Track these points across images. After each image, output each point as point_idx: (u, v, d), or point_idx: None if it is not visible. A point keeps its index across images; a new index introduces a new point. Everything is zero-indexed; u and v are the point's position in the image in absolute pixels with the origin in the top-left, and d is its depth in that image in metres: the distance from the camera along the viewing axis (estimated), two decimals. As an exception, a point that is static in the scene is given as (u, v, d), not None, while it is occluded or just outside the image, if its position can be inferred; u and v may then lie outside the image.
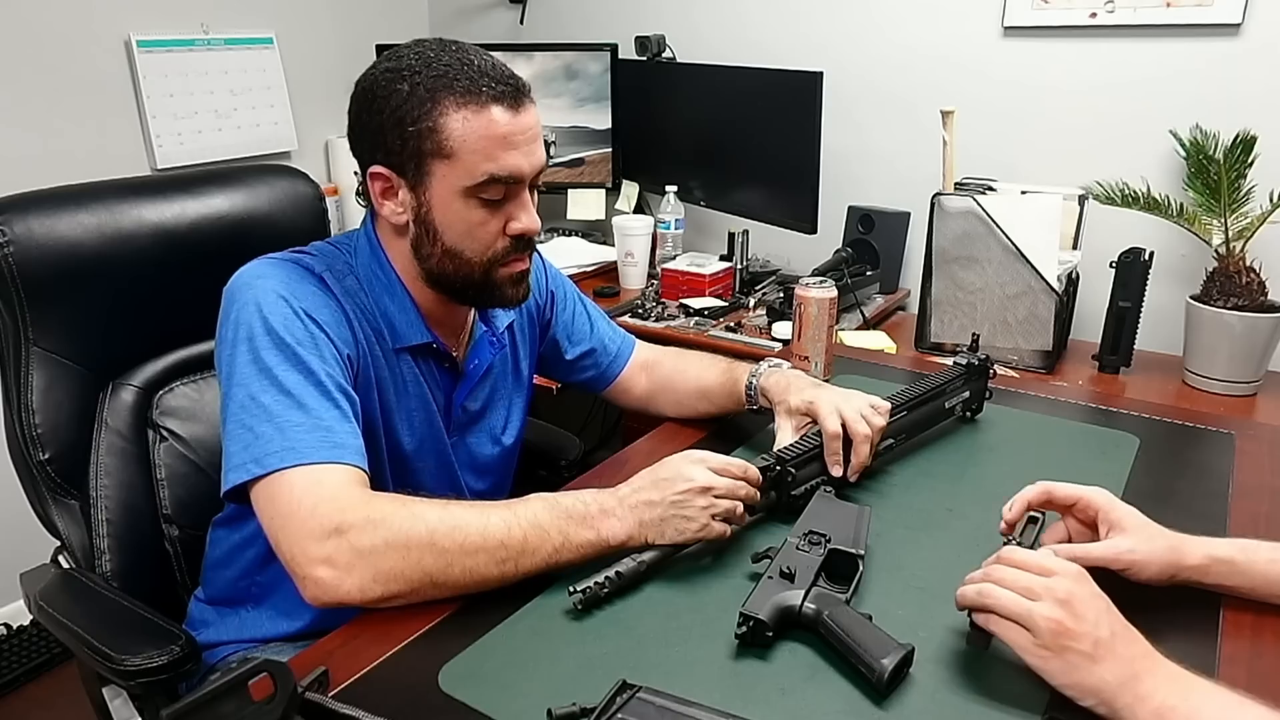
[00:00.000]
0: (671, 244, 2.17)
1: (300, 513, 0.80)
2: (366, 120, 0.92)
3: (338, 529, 0.79)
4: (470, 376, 1.07)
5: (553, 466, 1.38)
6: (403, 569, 0.79)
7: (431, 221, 0.93)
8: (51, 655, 1.97)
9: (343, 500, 0.81)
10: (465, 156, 0.89)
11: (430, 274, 0.97)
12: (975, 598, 0.72)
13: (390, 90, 0.89)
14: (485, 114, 0.89)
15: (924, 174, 1.86)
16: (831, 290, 1.32)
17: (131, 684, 0.88)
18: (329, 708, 0.67)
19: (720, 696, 0.69)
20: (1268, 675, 0.74)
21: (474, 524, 0.81)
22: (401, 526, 0.80)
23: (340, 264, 0.98)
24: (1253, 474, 1.09)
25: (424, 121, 0.88)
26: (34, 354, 1.07)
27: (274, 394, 0.85)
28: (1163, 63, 1.72)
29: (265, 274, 0.92)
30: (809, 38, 2.11)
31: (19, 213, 1.04)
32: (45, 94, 1.92)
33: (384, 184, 0.94)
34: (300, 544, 0.79)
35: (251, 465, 0.83)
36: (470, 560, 0.81)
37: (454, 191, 0.91)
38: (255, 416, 0.84)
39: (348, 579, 0.79)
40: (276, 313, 0.89)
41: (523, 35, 2.56)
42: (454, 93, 0.88)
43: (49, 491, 1.09)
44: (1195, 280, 1.62)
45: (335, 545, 0.79)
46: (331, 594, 0.79)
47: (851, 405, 1.02)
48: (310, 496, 0.81)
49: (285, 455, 0.82)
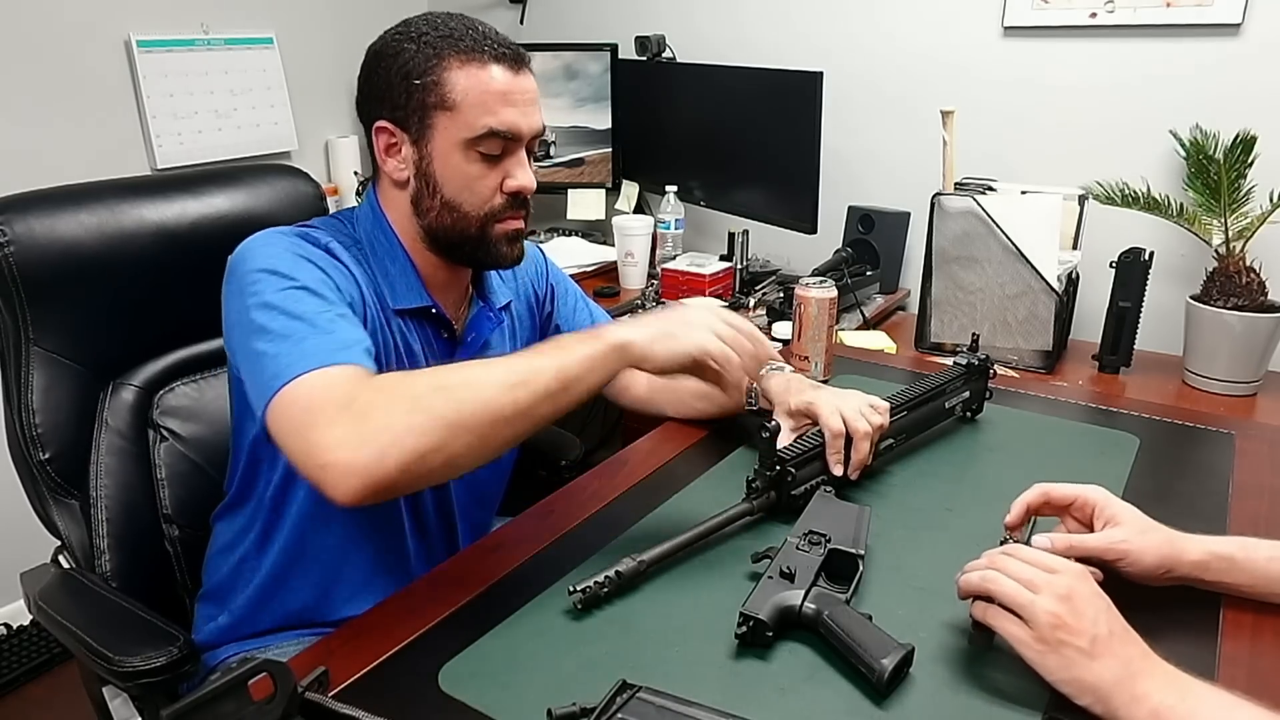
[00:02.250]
0: (671, 244, 2.17)
1: (311, 409, 0.78)
2: (374, 80, 0.97)
3: (341, 407, 0.77)
4: (469, 346, 1.07)
5: (553, 466, 1.37)
6: (414, 420, 0.76)
7: (432, 174, 0.96)
8: (51, 655, 1.97)
9: (344, 385, 0.79)
10: (466, 109, 0.93)
11: (429, 230, 0.99)
12: (979, 582, 0.72)
13: (398, 49, 0.95)
14: (487, 71, 0.94)
15: (924, 174, 1.85)
16: (831, 290, 1.32)
17: (130, 685, 0.88)
18: (329, 708, 0.67)
19: (720, 696, 0.69)
20: (1268, 675, 0.74)
21: (476, 364, 0.84)
22: (402, 382, 0.81)
23: (344, 235, 1.00)
24: (1253, 474, 1.09)
25: (429, 75, 0.93)
26: (34, 354, 1.07)
27: (284, 319, 0.85)
28: (1163, 63, 1.72)
29: (269, 240, 0.94)
30: (809, 38, 2.11)
31: (19, 213, 1.04)
32: (45, 94, 1.92)
33: (388, 139, 0.97)
34: (310, 439, 0.76)
35: (268, 384, 0.81)
36: (475, 390, 0.78)
37: (454, 144, 0.94)
38: (266, 341, 0.84)
39: (363, 450, 0.74)
40: (279, 256, 0.90)
41: (523, 35, 2.56)
42: (459, 50, 0.94)
43: (49, 491, 1.09)
44: (1195, 280, 1.62)
45: (343, 425, 0.76)
46: (354, 475, 0.74)
47: (850, 404, 1.03)
48: (320, 391, 0.79)
49: (303, 362, 0.81)
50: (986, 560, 0.74)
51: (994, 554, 0.74)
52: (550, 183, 2.40)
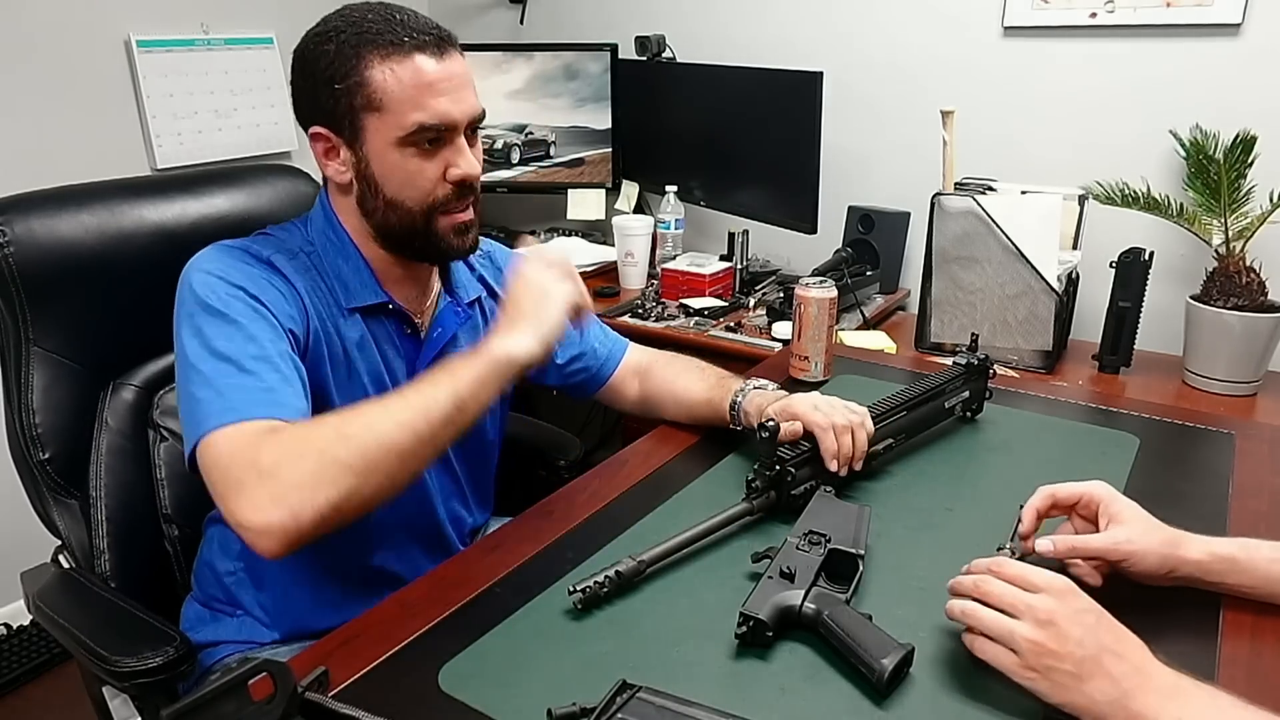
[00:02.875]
0: (671, 244, 2.17)
1: (232, 467, 0.77)
2: (301, 85, 0.95)
3: (249, 467, 0.76)
4: (434, 342, 1.05)
5: (553, 466, 1.37)
6: (322, 473, 0.76)
7: (371, 175, 0.94)
8: (51, 655, 1.97)
9: (253, 444, 0.78)
10: (394, 107, 0.90)
11: (378, 229, 0.98)
12: (960, 616, 0.72)
13: (318, 52, 0.92)
14: (409, 63, 0.90)
15: (924, 174, 1.85)
16: (831, 290, 1.32)
17: (127, 685, 0.88)
18: (329, 708, 0.67)
19: (720, 696, 0.69)
20: (1268, 675, 0.74)
21: (373, 405, 0.83)
22: (306, 435, 0.80)
23: (295, 240, 0.99)
24: (1253, 474, 1.09)
25: (351, 78, 0.90)
26: (34, 354, 1.07)
27: (213, 362, 0.84)
28: (1163, 63, 1.72)
29: (206, 257, 0.94)
30: (809, 38, 2.11)
31: (19, 213, 1.04)
32: (45, 94, 1.92)
33: (325, 144, 0.95)
34: (227, 503, 0.77)
35: (193, 430, 0.81)
36: (377, 432, 0.79)
37: (388, 143, 0.92)
38: (198, 385, 0.84)
39: (276, 511, 0.74)
40: (212, 289, 0.89)
41: (523, 35, 2.56)
42: (377, 46, 0.90)
43: (49, 491, 1.09)
44: (1195, 280, 1.62)
45: (253, 487, 0.75)
46: (272, 536, 0.75)
47: (827, 401, 1.03)
48: (241, 448, 0.78)
49: (224, 414, 0.80)
50: (971, 583, 0.73)
51: (977, 576, 0.73)
52: (550, 183, 2.40)
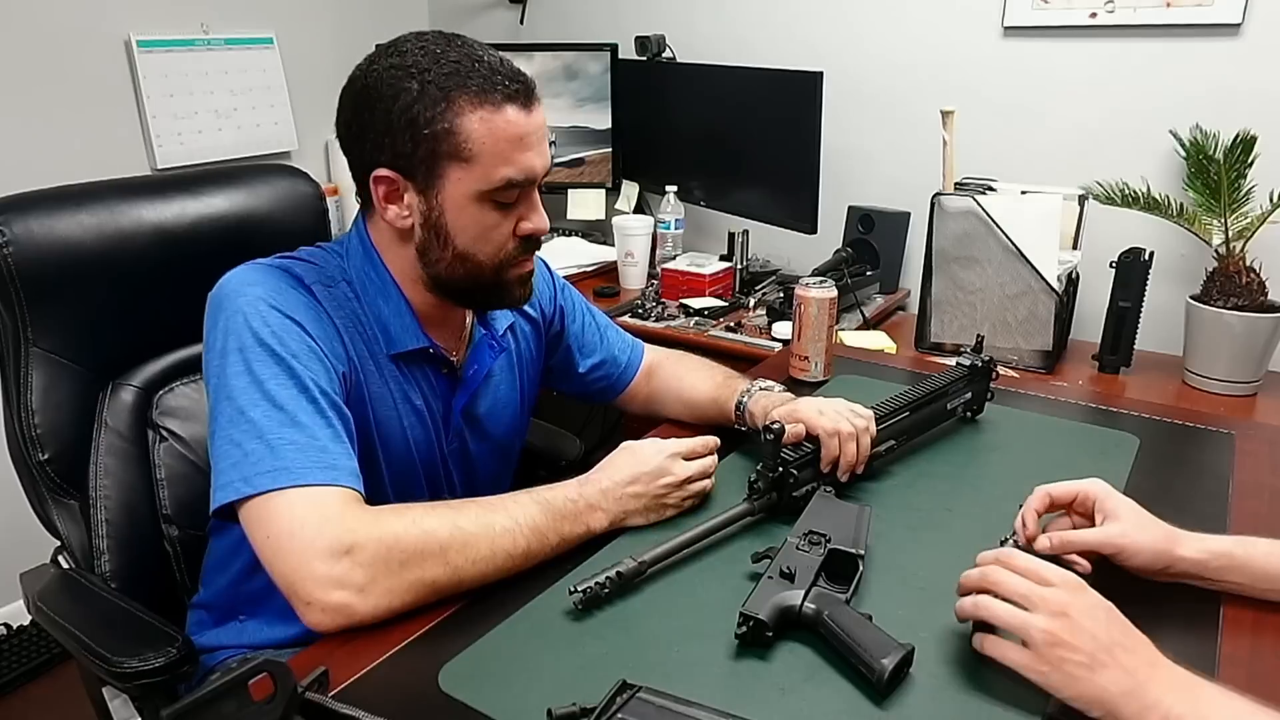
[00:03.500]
0: (671, 244, 2.17)
1: (304, 535, 0.77)
2: (369, 120, 0.88)
3: (349, 550, 0.77)
4: (470, 382, 1.05)
5: (553, 466, 1.38)
6: (413, 584, 0.79)
7: (444, 225, 0.90)
8: (51, 655, 1.97)
9: (350, 520, 0.79)
10: (483, 160, 0.87)
11: (437, 279, 0.95)
12: (971, 610, 0.72)
13: (398, 89, 0.86)
14: (501, 114, 0.86)
15: (924, 174, 1.85)
16: (831, 290, 1.32)
17: (128, 686, 0.88)
18: (329, 708, 0.67)
19: (720, 696, 0.69)
20: (1268, 675, 0.74)
21: (482, 538, 0.83)
22: (414, 544, 0.79)
23: (332, 270, 0.95)
24: (1252, 474, 1.09)
25: (439, 123, 0.85)
26: (34, 354, 1.07)
27: (265, 408, 0.82)
28: (1163, 63, 1.72)
29: (255, 280, 0.89)
30: (809, 38, 2.11)
31: (19, 213, 1.04)
32: (45, 94, 1.92)
33: (389, 187, 0.90)
34: (307, 567, 0.76)
35: (240, 484, 0.80)
36: (476, 569, 0.82)
37: (469, 195, 0.89)
38: (244, 432, 0.81)
39: (363, 601, 0.77)
40: (269, 323, 0.86)
41: (523, 35, 2.56)
42: (468, 92, 0.85)
43: (49, 491, 1.09)
44: (1195, 280, 1.62)
45: (347, 567, 0.76)
46: (345, 617, 0.77)
47: (833, 407, 1.02)
48: (314, 517, 0.78)
49: (278, 476, 0.79)
50: (979, 574, 0.73)
51: (987, 567, 0.73)
52: (550, 183, 2.39)
